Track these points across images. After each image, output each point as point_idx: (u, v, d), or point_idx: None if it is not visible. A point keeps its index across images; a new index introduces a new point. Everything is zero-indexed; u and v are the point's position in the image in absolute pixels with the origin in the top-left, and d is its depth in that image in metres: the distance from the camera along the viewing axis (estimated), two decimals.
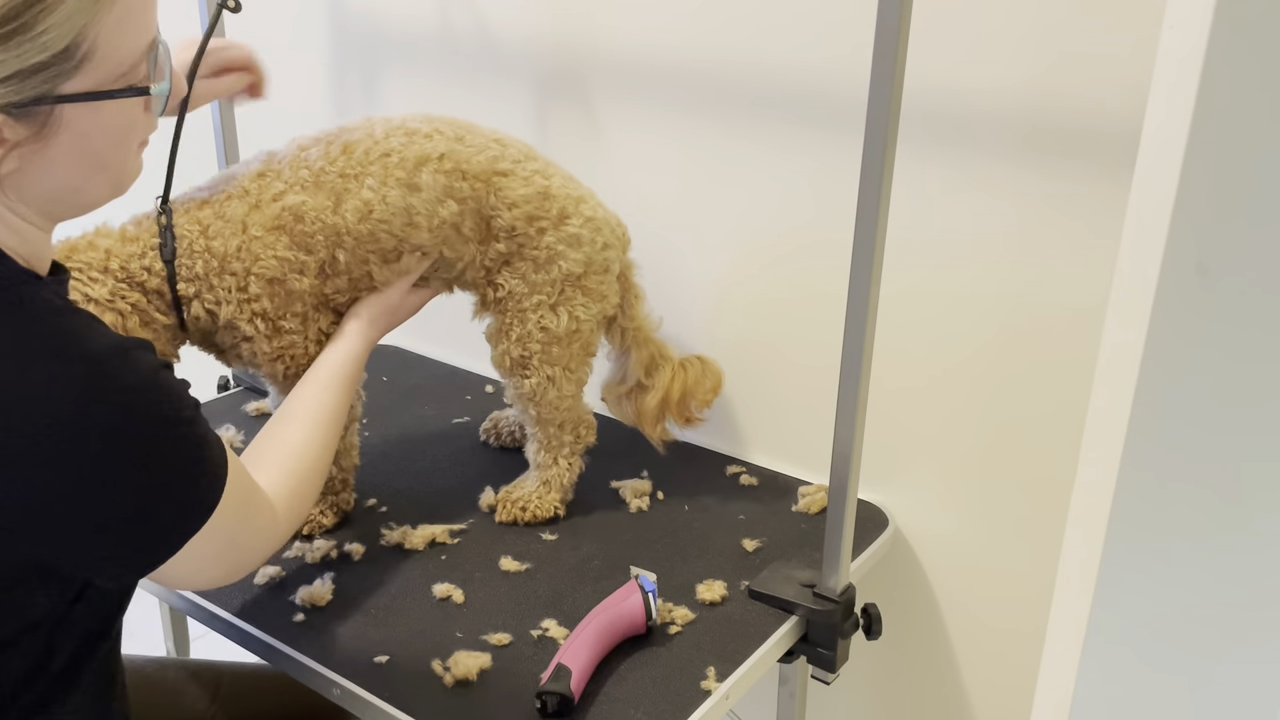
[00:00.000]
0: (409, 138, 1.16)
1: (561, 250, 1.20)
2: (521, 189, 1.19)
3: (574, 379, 1.26)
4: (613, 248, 1.25)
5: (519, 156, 1.21)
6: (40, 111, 0.75)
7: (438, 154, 1.16)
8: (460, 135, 1.19)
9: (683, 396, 1.33)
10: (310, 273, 1.15)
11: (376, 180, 1.14)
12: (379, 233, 1.15)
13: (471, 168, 1.17)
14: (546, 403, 1.25)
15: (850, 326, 0.98)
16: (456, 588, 1.14)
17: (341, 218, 1.14)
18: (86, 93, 0.76)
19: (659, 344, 1.33)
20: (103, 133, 0.79)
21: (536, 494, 1.28)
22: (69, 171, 0.79)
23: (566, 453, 1.29)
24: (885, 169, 0.91)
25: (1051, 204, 1.14)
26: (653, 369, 1.32)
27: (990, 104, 1.14)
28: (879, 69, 0.88)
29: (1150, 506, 0.76)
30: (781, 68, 1.27)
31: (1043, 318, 1.18)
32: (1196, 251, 0.67)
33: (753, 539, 1.24)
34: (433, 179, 1.15)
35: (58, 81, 0.74)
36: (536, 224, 1.20)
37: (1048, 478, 1.23)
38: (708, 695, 1.00)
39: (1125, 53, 1.05)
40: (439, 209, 1.16)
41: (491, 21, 1.51)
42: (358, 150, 1.15)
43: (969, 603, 1.34)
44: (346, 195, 1.14)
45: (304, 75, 1.75)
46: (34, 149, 0.76)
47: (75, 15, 0.73)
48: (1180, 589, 0.86)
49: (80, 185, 0.81)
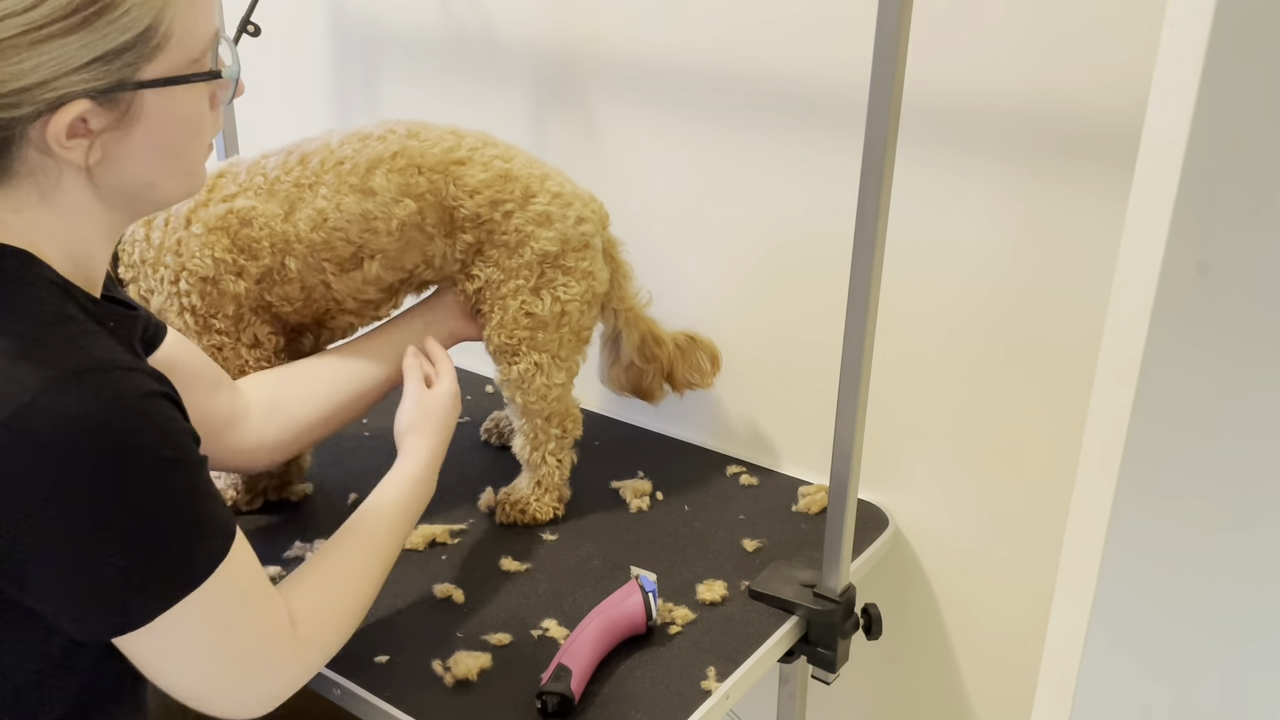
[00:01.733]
0: (363, 143, 1.17)
1: (532, 230, 1.19)
2: (481, 174, 1.18)
3: (564, 368, 1.24)
4: (589, 221, 1.22)
5: (476, 144, 1.20)
6: (122, 99, 0.75)
7: (390, 154, 1.16)
8: (415, 132, 1.19)
9: (684, 378, 1.34)
10: (249, 277, 1.16)
11: (330, 189, 1.15)
12: (334, 240, 1.16)
13: (427, 161, 1.17)
14: (533, 390, 1.23)
15: (850, 326, 0.98)
16: (456, 588, 1.14)
17: (293, 225, 1.15)
18: (164, 78, 0.76)
19: (650, 323, 1.32)
20: (177, 123, 0.79)
21: (534, 496, 1.28)
22: (146, 163, 0.79)
23: (553, 447, 1.27)
24: (885, 169, 0.91)
25: (1051, 204, 1.14)
26: (646, 350, 1.32)
27: (990, 104, 1.14)
28: (879, 69, 0.88)
29: (1150, 507, 0.76)
30: (781, 68, 1.27)
31: (1043, 317, 1.18)
32: (1196, 251, 0.67)
33: (753, 539, 1.24)
34: (386, 180, 1.16)
35: (138, 66, 0.75)
36: (501, 208, 1.18)
37: (1048, 478, 1.23)
38: (708, 695, 1.00)
39: (1125, 53, 1.05)
40: (395, 210, 1.16)
41: (492, 22, 1.50)
42: (313, 160, 1.17)
43: (969, 603, 1.34)
44: (300, 204, 1.15)
45: (303, 75, 1.75)
46: (115, 137, 0.77)
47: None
48: (1180, 589, 0.86)
49: (155, 179, 0.81)
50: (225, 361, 1.19)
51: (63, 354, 0.72)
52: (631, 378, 1.35)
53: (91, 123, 0.75)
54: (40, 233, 0.78)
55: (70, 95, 0.73)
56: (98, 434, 0.71)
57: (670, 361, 1.34)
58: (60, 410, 0.70)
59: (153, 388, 0.75)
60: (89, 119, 0.75)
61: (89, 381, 0.72)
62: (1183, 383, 0.73)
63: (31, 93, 0.72)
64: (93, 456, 0.71)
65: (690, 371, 1.36)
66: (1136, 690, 0.87)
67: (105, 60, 0.73)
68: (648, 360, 1.33)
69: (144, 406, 0.74)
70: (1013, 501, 1.27)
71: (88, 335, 0.76)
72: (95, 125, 0.75)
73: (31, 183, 0.77)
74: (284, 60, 1.74)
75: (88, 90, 0.73)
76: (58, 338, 0.74)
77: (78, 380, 0.71)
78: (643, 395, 1.37)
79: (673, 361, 1.34)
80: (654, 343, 1.32)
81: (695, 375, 1.36)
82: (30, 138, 0.75)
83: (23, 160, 0.76)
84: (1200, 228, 0.66)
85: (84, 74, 0.73)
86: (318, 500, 1.29)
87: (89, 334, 0.76)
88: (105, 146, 0.77)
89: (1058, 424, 1.21)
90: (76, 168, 0.77)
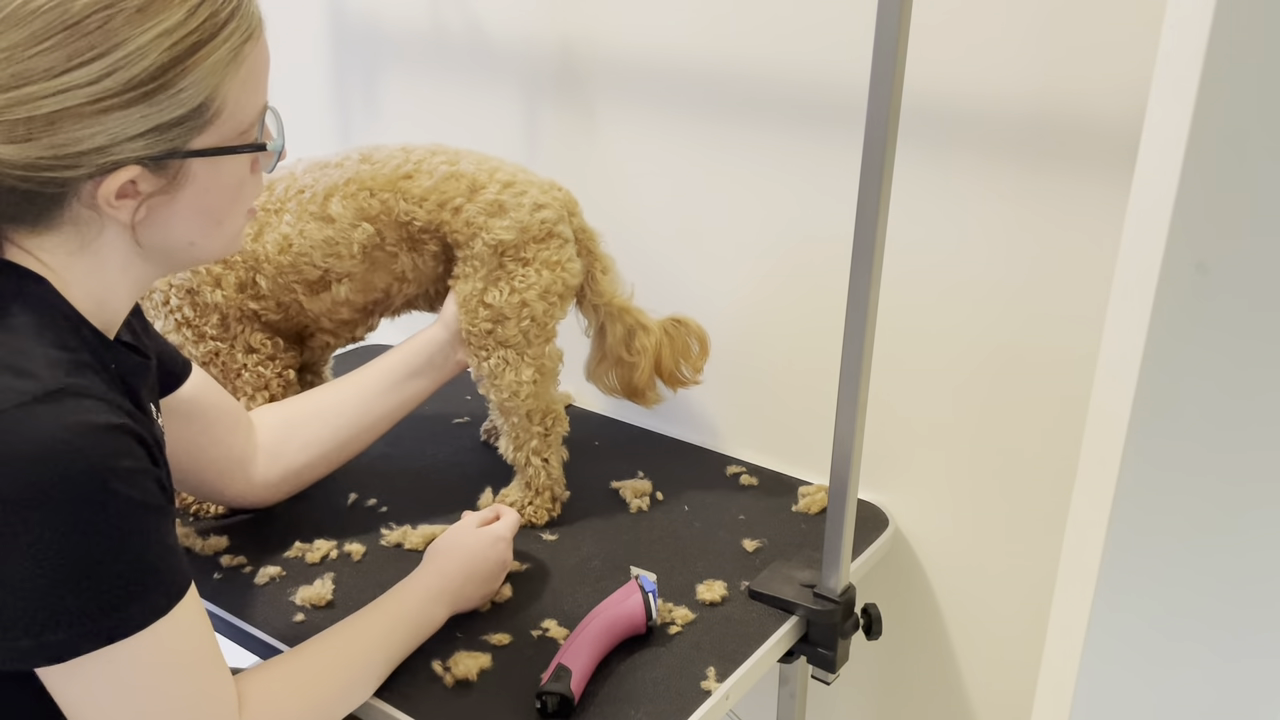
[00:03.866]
0: (321, 171, 1.22)
1: (481, 221, 1.18)
2: (426, 182, 1.19)
3: (532, 365, 1.21)
4: (547, 208, 1.20)
5: (423, 156, 1.22)
6: (171, 165, 0.79)
7: (344, 180, 1.20)
8: (367, 156, 1.23)
9: (673, 367, 1.31)
10: (228, 286, 1.21)
11: (293, 215, 1.20)
12: (300, 264, 1.22)
13: (376, 182, 1.20)
14: (505, 387, 1.22)
15: (850, 326, 0.98)
16: None
17: (261, 246, 1.21)
18: (213, 148, 0.81)
19: (635, 313, 1.30)
20: (221, 189, 0.83)
21: (525, 500, 1.27)
22: (188, 225, 0.83)
23: (536, 445, 1.25)
24: (885, 169, 0.91)
25: (1051, 204, 1.14)
26: (633, 341, 1.29)
27: (990, 105, 1.14)
28: (879, 70, 0.88)
29: (1150, 506, 0.76)
30: (780, 69, 1.27)
31: (1043, 317, 1.18)
32: (1196, 251, 0.67)
33: (753, 539, 1.24)
34: (342, 206, 1.19)
35: (189, 137, 0.79)
36: (449, 206, 1.19)
37: (1048, 477, 1.23)
38: (708, 695, 1.00)
39: (1125, 53, 1.05)
40: (354, 234, 1.20)
41: (490, 24, 1.50)
42: (278, 187, 1.22)
43: (969, 603, 1.34)
44: (267, 228, 1.21)
45: (304, 75, 1.75)
46: (162, 201, 0.81)
47: (210, 75, 0.78)
48: (1180, 589, 0.86)
49: (196, 239, 0.85)
50: (224, 366, 1.24)
51: (41, 377, 0.73)
52: (621, 375, 1.32)
53: (141, 185, 0.79)
54: (72, 274, 0.81)
55: (124, 161, 0.77)
56: (53, 457, 0.70)
57: (658, 348, 1.30)
58: (20, 429, 0.70)
59: (122, 422, 0.74)
60: (139, 182, 0.79)
61: (56, 406, 0.72)
62: (1182, 383, 0.73)
63: (89, 156, 0.76)
64: (45, 479, 0.70)
65: (679, 356, 1.32)
66: (1136, 690, 0.87)
67: (160, 130, 0.77)
68: (635, 353, 1.30)
69: (106, 439, 0.72)
70: (1013, 501, 1.27)
71: (77, 367, 0.76)
72: (144, 188, 0.79)
73: (74, 231, 0.80)
74: (284, 60, 1.74)
75: (141, 157, 0.77)
76: (42, 362, 0.74)
77: (46, 402, 0.72)
78: (633, 395, 1.33)
79: (659, 348, 1.30)
80: (641, 332, 1.29)
81: (684, 361, 1.33)
82: (81, 195, 0.78)
83: (72, 213, 0.79)
84: (1200, 228, 0.66)
85: (139, 142, 0.77)
86: (317, 500, 1.29)
87: (79, 365, 0.76)
88: (151, 208, 0.81)
89: (1058, 424, 1.21)
90: (121, 225, 0.81)
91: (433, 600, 1.03)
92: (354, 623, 0.98)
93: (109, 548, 0.72)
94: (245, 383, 1.26)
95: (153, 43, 0.75)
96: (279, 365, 1.27)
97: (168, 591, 0.76)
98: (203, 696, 0.79)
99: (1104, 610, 0.74)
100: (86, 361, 0.78)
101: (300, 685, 0.89)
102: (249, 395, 1.27)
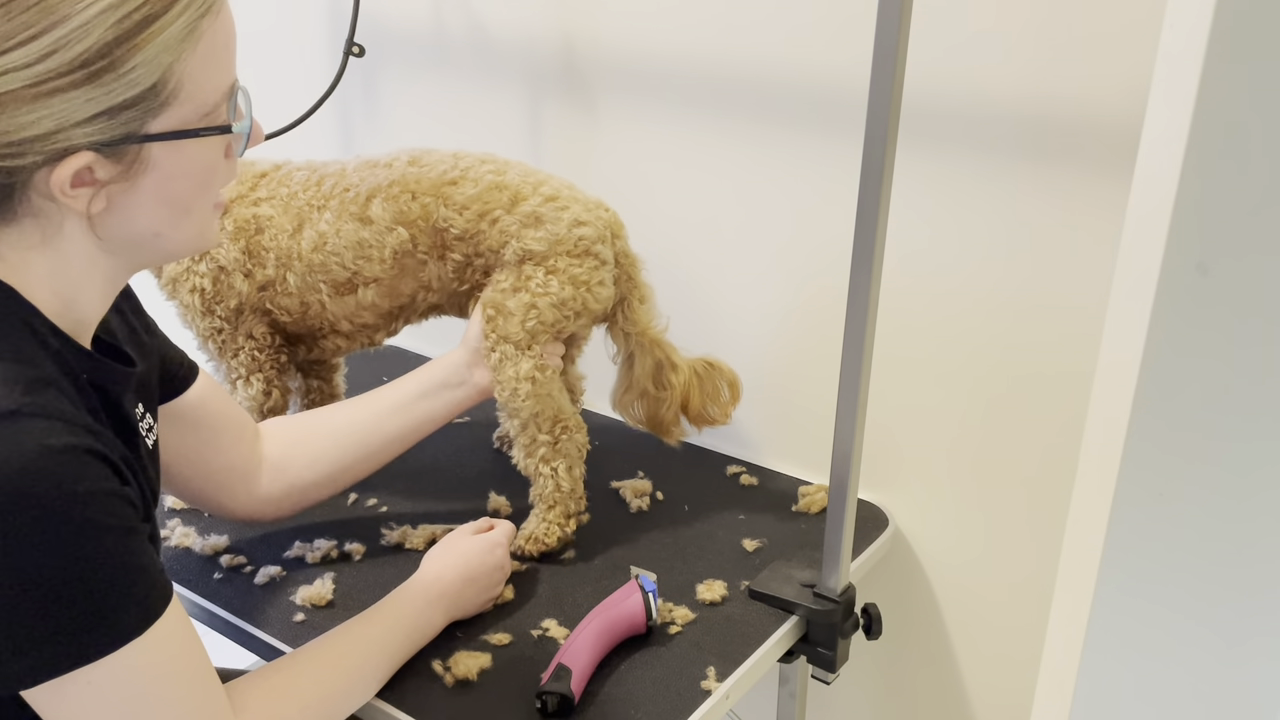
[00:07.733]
0: (370, 170, 1.20)
1: (515, 230, 1.15)
2: (471, 190, 1.17)
3: (530, 357, 1.16)
4: (588, 225, 1.16)
5: (472, 163, 1.19)
6: (128, 150, 0.75)
7: (388, 182, 1.18)
8: (416, 158, 1.21)
9: (701, 408, 1.26)
10: (254, 282, 1.22)
11: (334, 213, 1.19)
12: (330, 264, 1.20)
13: (421, 186, 1.18)
14: (505, 384, 1.17)
15: (850, 326, 0.98)
16: None
17: (297, 242, 1.20)
18: (172, 131, 0.76)
19: (667, 348, 1.25)
20: (186, 175, 0.79)
21: (539, 517, 1.21)
22: (153, 214, 0.79)
23: (545, 454, 1.19)
24: (885, 169, 0.91)
25: (1051, 204, 1.14)
26: (661, 376, 1.24)
27: (990, 105, 1.14)
28: (878, 70, 0.88)
29: (1150, 507, 0.76)
30: (787, 67, 1.27)
31: (1043, 317, 1.18)
32: (1196, 251, 0.67)
33: (753, 539, 1.24)
34: (382, 209, 1.18)
35: (145, 119, 0.75)
36: (489, 216, 1.16)
37: (1048, 477, 1.23)
38: (708, 695, 1.00)
39: (1125, 53, 1.05)
40: (389, 238, 1.18)
41: (493, 24, 1.50)
42: (327, 183, 1.21)
43: (969, 603, 1.34)
44: (307, 223, 1.20)
45: (303, 76, 1.75)
46: (122, 189, 0.76)
47: (163, 53, 0.73)
48: (1180, 589, 0.86)
49: (162, 230, 0.80)
50: (223, 345, 1.25)
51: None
52: (646, 406, 1.27)
53: (97, 173, 0.75)
54: (34, 273, 0.78)
55: (75, 147, 0.73)
56: (6, 483, 0.68)
57: (686, 388, 1.25)
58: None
59: (80, 442, 0.71)
60: (95, 169, 0.75)
61: (11, 428, 0.69)
62: (1182, 383, 0.73)
63: (35, 143, 0.72)
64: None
65: (708, 400, 1.27)
66: (1136, 690, 0.87)
67: (111, 114, 0.73)
68: (662, 387, 1.25)
69: (63, 462, 0.70)
70: (1013, 501, 1.27)
71: (35, 384, 0.73)
72: (101, 176, 0.75)
73: (34, 224, 0.77)
74: (283, 60, 1.74)
75: (92, 143, 0.73)
76: (2, 378, 0.72)
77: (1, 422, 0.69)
78: (658, 429, 1.28)
79: (688, 388, 1.25)
80: (670, 369, 1.24)
81: (713, 405, 1.28)
82: (35, 184, 0.74)
83: (26, 204, 0.75)
84: (1200, 228, 0.66)
85: (88, 127, 0.72)
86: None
87: (37, 382, 0.73)
88: (111, 196, 0.77)
89: (1058, 424, 1.21)
90: (79, 215, 0.77)
91: (430, 605, 1.03)
92: (351, 628, 0.97)
93: (71, 572, 0.70)
94: (239, 363, 1.25)
95: (96, 19, 0.70)
96: (274, 352, 1.27)
97: (141, 610, 0.74)
98: (191, 711, 0.78)
99: (1104, 610, 0.74)
100: (47, 376, 0.74)
101: (298, 691, 0.89)
102: (243, 376, 1.26)
